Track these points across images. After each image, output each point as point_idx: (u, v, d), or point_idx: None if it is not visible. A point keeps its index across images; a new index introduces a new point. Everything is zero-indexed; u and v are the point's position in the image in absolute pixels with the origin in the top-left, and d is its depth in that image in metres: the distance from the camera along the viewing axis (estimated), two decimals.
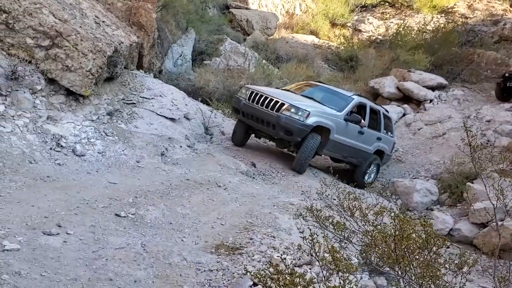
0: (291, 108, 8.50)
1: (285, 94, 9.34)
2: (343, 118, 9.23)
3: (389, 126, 11.09)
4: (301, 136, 8.59)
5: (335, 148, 9.40)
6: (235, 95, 9.76)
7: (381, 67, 17.40)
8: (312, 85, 10.63)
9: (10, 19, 6.84)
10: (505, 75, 14.38)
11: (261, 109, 8.70)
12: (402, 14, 24.75)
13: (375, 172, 10.62)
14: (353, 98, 9.83)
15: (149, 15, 10.21)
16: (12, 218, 4.40)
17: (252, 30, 19.30)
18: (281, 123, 8.44)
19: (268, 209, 6.27)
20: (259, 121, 8.83)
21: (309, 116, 8.48)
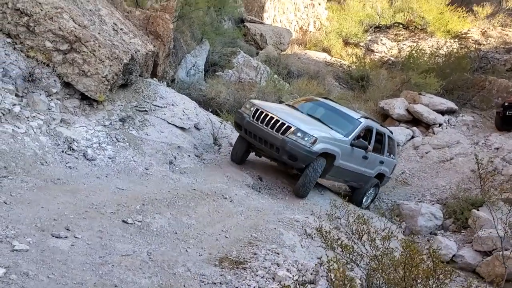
0: (297, 132, 8.03)
1: (291, 113, 8.85)
2: (350, 143, 8.82)
3: (392, 148, 10.81)
4: (306, 162, 8.19)
5: (338, 173, 9.08)
6: (238, 109, 9.27)
7: (392, 88, 17.47)
8: (319, 102, 10.08)
9: (31, 22, 6.99)
10: (505, 104, 14.36)
11: (266, 130, 8.24)
12: (416, 37, 24.88)
13: (373, 195, 10.43)
14: (360, 122, 9.32)
15: (166, 25, 10.36)
16: (22, 218, 4.47)
17: (266, 44, 19.46)
18: (286, 148, 7.99)
19: (273, 224, 6.30)
20: (263, 142, 8.36)
21: (316, 142, 8.02)
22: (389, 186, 11.50)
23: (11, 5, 6.85)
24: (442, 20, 24.85)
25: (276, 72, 16.21)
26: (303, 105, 9.82)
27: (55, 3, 7.23)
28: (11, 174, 5.26)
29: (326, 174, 8.76)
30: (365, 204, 10.10)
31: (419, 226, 9.48)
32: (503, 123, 14.43)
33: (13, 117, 6.13)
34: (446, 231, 9.60)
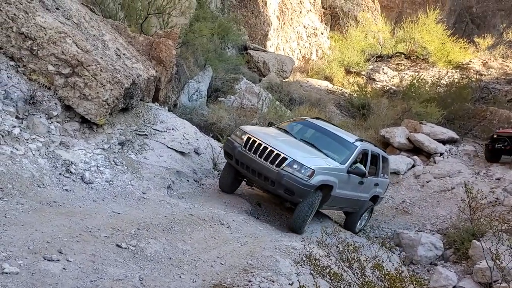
0: (293, 164, 7.55)
1: (285, 141, 8.34)
2: (347, 171, 8.40)
3: (386, 168, 10.47)
4: (303, 197, 7.69)
5: (335, 202, 8.69)
6: (228, 137, 8.75)
7: (393, 117, 17.54)
8: (311, 123, 9.50)
9: (34, 46, 7.09)
10: (493, 137, 14.32)
11: (260, 162, 7.74)
12: (417, 66, 25.12)
13: (367, 218, 10.22)
14: (356, 146, 8.89)
15: (169, 51, 10.49)
16: (15, 241, 4.44)
17: (268, 72, 19.66)
18: (282, 182, 7.52)
19: (269, 251, 6.24)
20: (256, 174, 7.84)
21: (314, 175, 7.55)
22: (389, 215, 11.43)
23: (15, 29, 6.96)
24: (443, 51, 25.14)
25: (278, 99, 16.33)
26: (294, 127, 9.38)
27: (59, 28, 7.35)
28: (7, 196, 5.25)
29: (322, 205, 8.37)
30: (359, 227, 9.94)
31: (419, 256, 9.35)
32: (492, 156, 14.34)
33: (13, 139, 6.15)
34: (446, 262, 9.45)
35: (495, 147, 13.98)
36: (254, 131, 8.27)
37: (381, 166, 9.97)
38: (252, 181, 8.33)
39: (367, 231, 10.19)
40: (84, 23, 8.51)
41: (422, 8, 29.66)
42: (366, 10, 30.04)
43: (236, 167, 8.20)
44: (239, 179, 8.62)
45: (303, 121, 9.76)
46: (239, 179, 8.62)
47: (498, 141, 13.98)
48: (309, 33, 27.21)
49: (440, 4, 33.39)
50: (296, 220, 7.97)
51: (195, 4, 17.29)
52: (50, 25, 7.28)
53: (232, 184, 8.67)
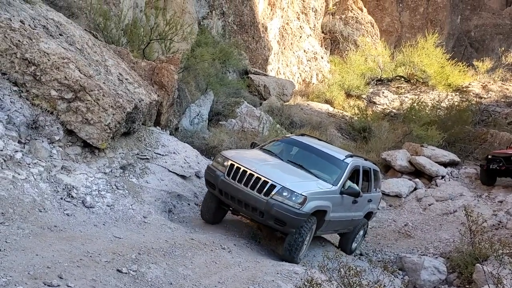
0: (283, 192, 6.97)
1: (271, 165, 7.78)
2: (339, 192, 7.89)
3: (377, 182, 10.00)
4: (296, 226, 7.06)
5: (329, 226, 8.18)
6: (209, 164, 8.05)
7: (394, 140, 17.58)
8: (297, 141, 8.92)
9: (38, 71, 7.18)
10: (488, 157, 14.24)
11: (246, 191, 7.10)
12: (417, 89, 25.29)
13: (362, 236, 9.82)
14: (347, 163, 8.34)
15: (171, 75, 10.60)
16: (15, 266, 4.41)
17: (269, 95, 19.80)
18: (271, 212, 6.90)
19: (271, 276, 6.18)
20: (243, 205, 7.20)
21: (306, 201, 6.98)
22: (391, 239, 11.34)
23: (19, 55, 7.06)
24: (443, 74, 25.35)
25: (279, 122, 16.40)
26: (279, 146, 8.82)
27: (62, 54, 7.46)
28: (8, 221, 5.24)
29: (316, 231, 7.80)
30: (354, 246, 9.61)
31: (422, 280, 9.23)
32: (488, 177, 14.25)
33: (14, 163, 6.18)
34: (450, 286, 9.33)
35: (490, 168, 13.90)
36: (237, 157, 7.64)
37: (373, 180, 9.56)
38: (239, 212, 7.69)
39: (370, 255, 10.10)
40: (87, 49, 8.63)
41: (421, 32, 30.05)
42: (366, 35, 30.40)
43: (220, 197, 7.52)
44: (223, 208, 7.91)
45: (288, 139, 9.20)
46: (224, 208, 7.91)
47: (493, 161, 13.92)
48: (309, 57, 27.50)
49: (439, 29, 33.84)
50: (287, 250, 7.33)
51: (196, 30, 17.59)
52: (53, 51, 7.38)
53: (216, 214, 8.01)
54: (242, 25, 21.42)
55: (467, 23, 38.91)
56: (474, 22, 38.81)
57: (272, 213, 6.90)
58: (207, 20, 19.94)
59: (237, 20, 21.20)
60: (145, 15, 14.14)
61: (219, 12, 20.47)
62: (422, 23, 36.15)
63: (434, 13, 36.64)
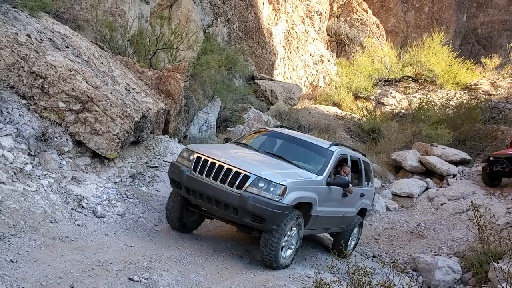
0: (259, 182, 6.03)
1: (245, 156, 6.96)
2: (325, 183, 7.02)
3: (369, 175, 9.21)
4: (277, 222, 6.13)
5: (317, 224, 7.25)
6: (173, 161, 7.19)
7: (404, 140, 17.48)
8: (275, 133, 8.19)
9: (45, 84, 7.26)
10: (490, 159, 13.97)
11: (215, 185, 6.17)
12: (425, 89, 25.14)
13: (356, 235, 9.01)
14: (332, 152, 7.52)
15: (178, 84, 10.66)
16: (28, 277, 4.45)
17: (276, 100, 19.81)
18: (246, 207, 5.95)
19: (283, 280, 6.17)
20: (213, 202, 6.26)
21: (286, 192, 6.07)
22: (404, 240, 11.24)
23: (27, 68, 7.14)
24: (450, 73, 25.18)
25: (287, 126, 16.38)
26: (256, 140, 7.98)
27: (69, 66, 7.53)
28: (19, 232, 5.29)
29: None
30: (350, 249, 8.66)
31: (437, 281, 9.14)
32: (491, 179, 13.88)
33: (25, 175, 6.24)
34: (465, 286, 9.22)
35: (494, 170, 13.62)
36: (205, 149, 6.84)
37: (364, 173, 8.74)
38: (210, 212, 6.65)
39: (383, 256, 10.02)
40: (94, 60, 8.71)
41: (427, 31, 29.91)
42: (372, 36, 30.35)
43: (187, 197, 6.58)
44: (192, 210, 6.94)
45: (264, 131, 8.47)
46: (193, 210, 6.93)
47: (495, 163, 13.64)
48: (316, 60, 27.50)
49: (445, 27, 33.67)
50: (269, 253, 6.30)
51: (202, 38, 17.68)
52: (60, 63, 7.46)
53: (184, 219, 7.00)
54: (247, 31, 21.49)
55: (473, 20, 38.69)
56: (481, 19, 38.59)
57: (248, 208, 5.95)
58: (212, 28, 20.04)
59: (242, 27, 21.29)
60: (151, 25, 14.24)
61: (224, 19, 20.57)
62: (428, 22, 36.04)
63: (439, 12, 36.51)
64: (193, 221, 7.24)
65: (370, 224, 12.23)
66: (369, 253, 10.08)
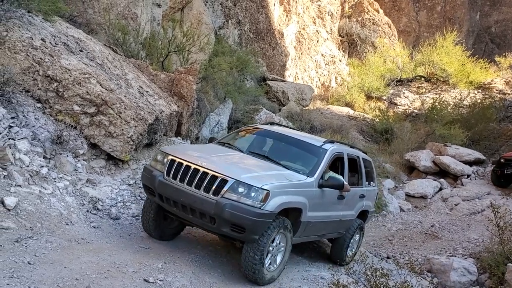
0: (238, 187, 5.37)
1: (225, 157, 6.30)
2: (317, 185, 6.29)
3: (371, 174, 8.46)
4: (259, 232, 5.44)
5: (309, 231, 6.54)
6: (145, 164, 6.55)
7: (417, 141, 17.39)
8: (264, 131, 7.50)
9: (60, 87, 7.34)
10: (501, 161, 13.80)
11: (189, 191, 5.54)
12: (438, 89, 24.96)
13: (358, 240, 8.28)
14: (326, 150, 6.80)
15: (190, 86, 10.71)
16: (45, 279, 4.50)
17: (288, 101, 19.80)
18: (224, 216, 5.30)
19: (297, 282, 6.17)
20: (188, 211, 5.61)
21: (269, 197, 5.36)
22: (418, 240, 11.16)
23: (42, 72, 7.23)
24: (464, 72, 24.98)
25: (299, 127, 16.36)
26: (241, 140, 7.34)
27: (83, 69, 7.61)
28: (36, 235, 5.35)
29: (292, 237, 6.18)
30: (350, 254, 8.06)
31: (452, 282, 9.05)
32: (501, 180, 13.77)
33: (41, 178, 6.31)
34: (482, 287, 9.14)
35: (505, 173, 13.45)
36: (181, 151, 6.24)
37: (364, 172, 8.05)
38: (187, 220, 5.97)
39: (397, 257, 9.96)
40: (108, 64, 8.79)
41: (439, 31, 29.67)
42: (383, 36, 30.20)
43: (161, 204, 5.97)
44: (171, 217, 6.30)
45: (253, 130, 7.70)
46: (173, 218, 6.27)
47: (506, 166, 13.48)
48: (327, 61, 27.44)
49: (458, 26, 33.39)
50: (252, 265, 5.61)
51: (213, 40, 17.74)
52: (74, 67, 7.54)
53: (162, 227, 6.38)
54: (258, 32, 21.52)
55: (486, 19, 38.30)
56: (494, 18, 38.19)
57: (225, 216, 5.30)
58: (223, 30, 20.10)
59: (253, 28, 21.32)
60: (163, 28, 14.33)
61: (235, 21, 20.62)
62: (440, 21, 35.75)
63: (452, 11, 36.20)
64: (173, 228, 6.58)
65: (383, 225, 12.17)
66: (383, 254, 10.03)
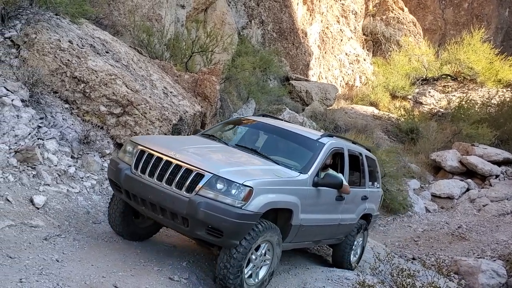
0: (216, 183, 4.55)
1: (206, 149, 5.50)
2: (312, 183, 5.52)
3: (374, 174, 7.70)
4: (240, 236, 4.64)
5: (302, 235, 5.71)
6: (113, 157, 5.85)
7: (443, 140, 17.12)
8: (255, 123, 6.76)
9: (87, 88, 7.47)
10: None
11: (158, 188, 4.75)
12: (465, 87, 24.50)
13: (361, 245, 7.59)
14: (323, 144, 6.02)
15: (213, 86, 10.76)
16: (72, 276, 4.58)
17: (311, 100, 19.73)
18: (197, 216, 4.49)
19: (321, 282, 6.14)
20: (157, 210, 4.83)
21: (253, 195, 4.56)
22: (444, 242, 10.99)
23: (69, 73, 7.38)
24: (492, 70, 24.45)
25: (323, 127, 16.30)
26: (228, 132, 6.71)
27: (110, 71, 7.73)
28: (64, 233, 5.46)
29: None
30: (354, 260, 7.42)
31: (480, 284, 8.89)
32: None
33: (68, 177, 6.44)
34: None
35: None
36: (153, 141, 5.39)
37: (367, 171, 7.27)
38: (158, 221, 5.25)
39: (423, 258, 9.81)
40: (133, 65, 8.90)
41: (466, 28, 29.10)
42: (408, 34, 29.80)
43: (129, 202, 5.21)
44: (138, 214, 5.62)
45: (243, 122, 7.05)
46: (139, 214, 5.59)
47: None
48: (351, 60, 27.22)
49: (485, 23, 32.70)
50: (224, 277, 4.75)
51: (236, 40, 17.80)
52: (101, 68, 7.66)
53: (130, 227, 5.69)
54: (281, 32, 21.49)
55: None
56: None
57: (199, 217, 4.49)
58: (246, 30, 20.15)
59: (276, 28, 21.30)
60: (186, 29, 14.45)
61: (258, 21, 20.64)
62: (467, 18, 35.04)
63: (479, 8, 35.44)
64: (146, 227, 5.88)
65: (409, 226, 12.01)
66: (409, 255, 9.91)
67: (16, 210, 5.34)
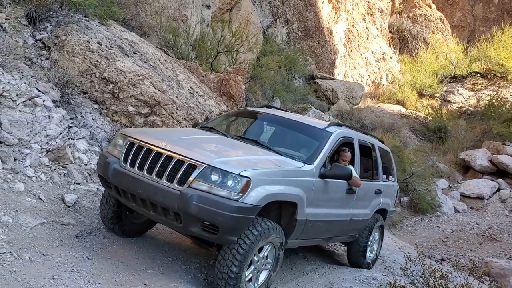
0: (211, 174, 4.17)
1: (201, 139, 5.16)
2: (318, 174, 5.09)
3: (389, 166, 7.27)
4: (238, 232, 4.28)
5: (309, 232, 5.26)
6: (101, 151, 5.85)
7: (472, 139, 16.78)
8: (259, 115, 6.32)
9: (116, 89, 7.60)
10: None
11: (147, 181, 4.41)
12: (495, 85, 23.93)
13: (378, 240, 7.17)
14: (330, 133, 5.60)
15: (239, 86, 10.81)
16: (102, 273, 4.66)
17: (337, 99, 19.59)
18: (190, 211, 4.11)
19: (349, 282, 6.08)
20: (148, 206, 4.50)
21: (250, 186, 4.17)
22: (475, 243, 10.76)
23: (98, 74, 7.51)
24: None
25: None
26: (228, 123, 6.48)
27: (137, 71, 7.84)
28: (94, 231, 5.56)
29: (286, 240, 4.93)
30: (371, 258, 7.01)
31: None
32: None
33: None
34: None
35: None
36: (144, 132, 5.06)
37: (380, 164, 6.80)
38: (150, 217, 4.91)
39: (452, 259, 9.63)
40: (160, 65, 9.01)
41: (497, 24, 28.40)
42: (436, 32, 29.28)
43: (118, 198, 4.93)
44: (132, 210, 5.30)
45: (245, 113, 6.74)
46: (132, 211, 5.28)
47: None
48: (378, 58, 26.91)
49: None
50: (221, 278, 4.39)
51: (261, 39, 17.82)
52: (129, 69, 7.78)
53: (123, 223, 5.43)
54: (306, 30, 21.41)
55: None
56: None
57: (192, 212, 4.11)
58: (271, 29, 20.13)
59: (301, 26, 21.23)
60: (212, 29, 14.55)
61: (283, 20, 20.60)
62: (498, 14, 34.22)
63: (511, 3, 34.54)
64: (140, 223, 5.63)
65: (437, 226, 11.81)
66: (437, 256, 9.75)
67: (48, 208, 5.46)
